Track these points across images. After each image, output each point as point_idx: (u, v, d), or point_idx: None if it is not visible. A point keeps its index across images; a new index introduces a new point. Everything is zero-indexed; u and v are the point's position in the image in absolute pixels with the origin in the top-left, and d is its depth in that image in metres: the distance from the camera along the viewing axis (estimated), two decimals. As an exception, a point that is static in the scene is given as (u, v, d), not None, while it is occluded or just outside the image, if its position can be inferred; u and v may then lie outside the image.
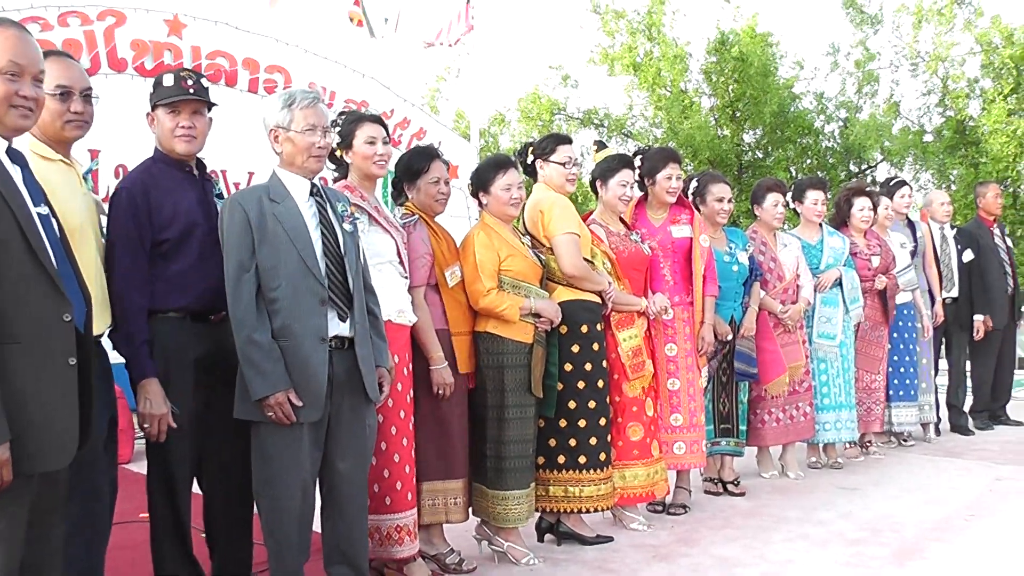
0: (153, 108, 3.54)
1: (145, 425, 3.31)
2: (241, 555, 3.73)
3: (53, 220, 2.61)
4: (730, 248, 5.71)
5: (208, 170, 3.73)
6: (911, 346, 7.15)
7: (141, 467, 3.64)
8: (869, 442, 6.92)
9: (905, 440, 7.30)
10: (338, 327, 3.43)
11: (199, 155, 3.66)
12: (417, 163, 4.32)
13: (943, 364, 8.17)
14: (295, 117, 3.45)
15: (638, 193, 5.42)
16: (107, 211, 3.40)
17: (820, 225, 6.61)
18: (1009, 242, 8.41)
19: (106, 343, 3.36)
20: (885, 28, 22.11)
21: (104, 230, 3.41)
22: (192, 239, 3.47)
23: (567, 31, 40.83)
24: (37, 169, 3.00)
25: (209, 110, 3.62)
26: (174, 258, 3.45)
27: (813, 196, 6.53)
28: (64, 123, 3.15)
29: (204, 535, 3.72)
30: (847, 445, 6.73)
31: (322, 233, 3.44)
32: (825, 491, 5.77)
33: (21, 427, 2.33)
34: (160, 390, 3.33)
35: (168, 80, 3.51)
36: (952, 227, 8.15)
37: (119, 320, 3.30)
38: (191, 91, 3.50)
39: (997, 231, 8.23)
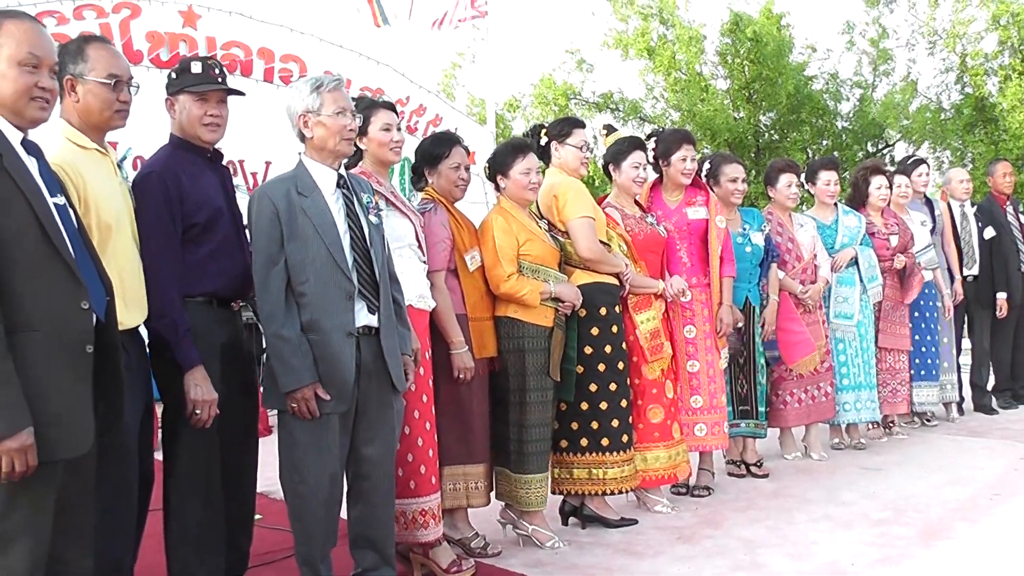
0: (175, 93, 3.50)
1: (197, 412, 3.27)
2: (242, 543, 3.70)
3: (70, 210, 2.63)
4: (744, 229, 5.69)
5: (224, 160, 3.70)
6: (932, 325, 7.08)
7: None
8: (892, 422, 6.89)
9: (928, 420, 7.25)
10: (367, 319, 3.44)
11: (223, 147, 3.64)
12: (437, 149, 4.32)
13: (966, 343, 8.12)
14: (325, 101, 3.45)
15: (652, 175, 5.41)
16: (135, 197, 3.34)
17: (835, 205, 6.58)
18: (1023, 219, 8.33)
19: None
20: (900, 7, 21.94)
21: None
22: (218, 223, 3.45)
23: (581, 15, 40.59)
24: (72, 158, 3.01)
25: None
26: (201, 243, 3.41)
27: (826, 176, 6.50)
28: (114, 112, 3.14)
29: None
30: (870, 426, 6.71)
31: (349, 227, 3.45)
32: (848, 472, 5.76)
33: (39, 415, 2.36)
34: (207, 376, 3.30)
35: (196, 67, 3.48)
36: (972, 204, 8.09)
37: (158, 309, 3.25)
38: (219, 80, 3.49)
39: (1010, 209, 8.14)
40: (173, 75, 3.52)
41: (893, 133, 21.81)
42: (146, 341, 3.36)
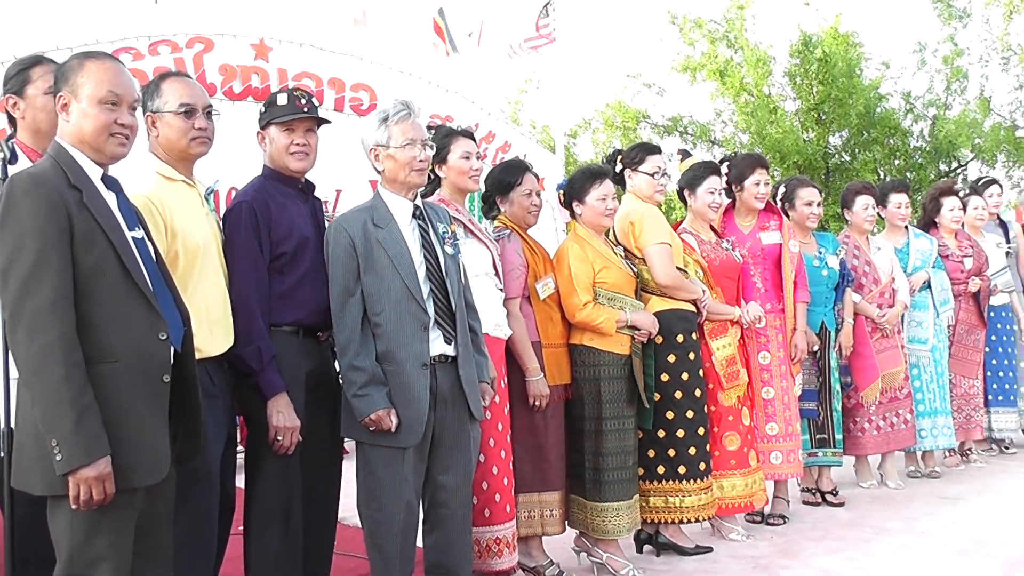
0: (265, 126, 3.57)
1: (279, 438, 3.31)
2: (320, 570, 3.72)
3: (148, 243, 2.70)
4: (820, 252, 5.63)
5: (314, 190, 3.74)
6: (1009, 349, 6.94)
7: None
8: (969, 450, 6.74)
9: (1007, 447, 7.09)
10: (443, 347, 3.48)
11: (308, 177, 3.69)
12: (509, 176, 4.35)
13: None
14: (392, 133, 3.50)
15: (727, 200, 5.38)
16: (223, 227, 3.41)
17: (905, 228, 6.50)
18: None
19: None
20: (974, 22, 21.51)
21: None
22: (304, 254, 3.48)
23: (648, 40, 40.47)
24: (160, 191, 3.09)
25: (318, 127, 3.64)
26: (289, 272, 3.45)
27: (896, 200, 6.43)
28: (190, 140, 3.20)
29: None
30: (946, 453, 6.58)
31: (425, 257, 3.49)
32: (926, 501, 5.64)
33: (117, 443, 2.42)
34: (291, 403, 3.34)
35: (282, 99, 3.54)
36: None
37: (245, 336, 3.29)
38: (305, 110, 3.55)
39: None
40: (263, 109, 3.60)
41: (966, 152, 21.39)
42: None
